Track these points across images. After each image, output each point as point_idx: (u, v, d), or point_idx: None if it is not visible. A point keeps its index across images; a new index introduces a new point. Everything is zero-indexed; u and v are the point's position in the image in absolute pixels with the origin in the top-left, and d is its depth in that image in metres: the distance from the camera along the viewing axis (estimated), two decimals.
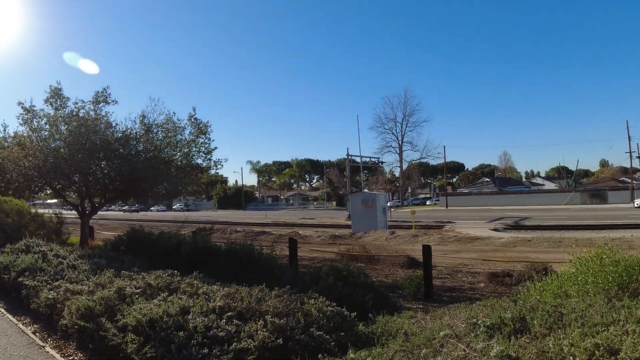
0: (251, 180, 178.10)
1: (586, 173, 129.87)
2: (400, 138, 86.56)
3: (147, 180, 15.28)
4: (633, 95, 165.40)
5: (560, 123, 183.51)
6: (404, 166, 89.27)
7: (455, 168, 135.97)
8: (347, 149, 53.45)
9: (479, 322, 4.09)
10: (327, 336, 4.00)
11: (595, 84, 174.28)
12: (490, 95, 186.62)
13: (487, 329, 3.96)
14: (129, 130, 15.38)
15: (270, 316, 4.13)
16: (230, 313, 4.34)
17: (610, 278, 5.74)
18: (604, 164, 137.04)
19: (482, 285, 10.87)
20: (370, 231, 26.05)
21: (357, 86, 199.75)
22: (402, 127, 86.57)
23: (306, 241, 23.09)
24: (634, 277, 5.68)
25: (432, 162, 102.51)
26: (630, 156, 67.97)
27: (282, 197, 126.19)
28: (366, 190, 49.97)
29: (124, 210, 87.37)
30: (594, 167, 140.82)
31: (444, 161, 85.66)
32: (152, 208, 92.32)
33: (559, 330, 3.70)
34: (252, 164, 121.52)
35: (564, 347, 3.14)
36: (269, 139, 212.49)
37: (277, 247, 9.91)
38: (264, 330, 3.95)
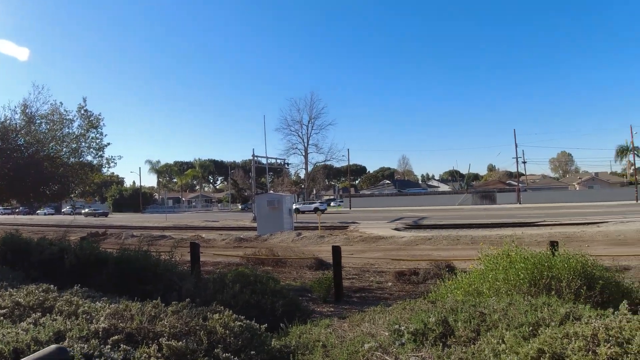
0: (150, 181, 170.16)
1: (476, 176, 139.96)
2: (306, 140, 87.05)
3: (30, 178, 13.51)
4: (520, 105, 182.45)
5: (454, 130, 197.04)
6: (309, 168, 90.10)
7: (358, 171, 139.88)
8: (253, 149, 52.24)
9: (402, 328, 3.81)
10: (236, 357, 3.44)
11: (485, 95, 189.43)
12: (391, 102, 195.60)
13: (412, 336, 3.67)
14: (8, 121, 13.53)
15: (166, 338, 3.47)
16: (117, 336, 3.60)
17: (522, 275, 5.79)
18: (491, 168, 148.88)
19: (390, 284, 10.87)
20: (276, 233, 25.59)
21: (263, 86, 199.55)
22: (307, 130, 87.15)
23: (210, 245, 22.06)
24: (544, 273, 5.77)
25: (337, 165, 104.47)
26: (517, 161, 74.38)
27: (184, 199, 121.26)
28: (272, 191, 49.47)
29: (8, 213, 79.15)
30: (483, 171, 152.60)
31: (347, 164, 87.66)
32: (39, 211, 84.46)
33: (487, 332, 3.51)
34: (151, 164, 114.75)
35: (501, 354, 2.94)
36: (171, 138, 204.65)
37: (177, 253, 8.96)
38: (159, 355, 3.30)
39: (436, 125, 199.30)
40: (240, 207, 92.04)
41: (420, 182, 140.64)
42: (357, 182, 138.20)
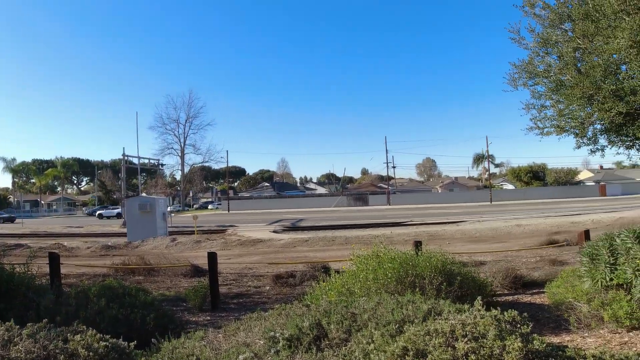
0: (4, 181, 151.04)
1: (351, 179, 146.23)
2: (182, 140, 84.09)
3: None
4: (390, 113, 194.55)
5: (331, 135, 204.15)
6: (186, 169, 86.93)
7: (237, 172, 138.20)
8: (124, 148, 48.46)
9: (278, 335, 3.77)
10: None
11: (360, 101, 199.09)
12: (270, 103, 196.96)
13: (287, 342, 3.67)
14: None
15: None
16: None
17: (389, 274, 5.99)
18: (365, 172, 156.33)
19: (267, 288, 10.74)
20: (149, 239, 24.13)
21: (137, 81, 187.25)
22: (185, 129, 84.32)
23: (73, 254, 20.05)
24: (409, 271, 6.00)
25: (215, 166, 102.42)
26: (387, 166, 79.38)
27: (43, 202, 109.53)
28: (144, 194, 46.76)
29: None
30: (357, 174, 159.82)
31: (226, 165, 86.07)
32: None
33: (358, 333, 3.57)
34: (5, 162, 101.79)
35: (370, 353, 3.03)
36: (29, 134, 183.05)
37: (35, 264, 7.77)
38: None
39: (315, 129, 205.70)
40: (85, 210, 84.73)
41: (298, 184, 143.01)
42: (236, 184, 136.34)
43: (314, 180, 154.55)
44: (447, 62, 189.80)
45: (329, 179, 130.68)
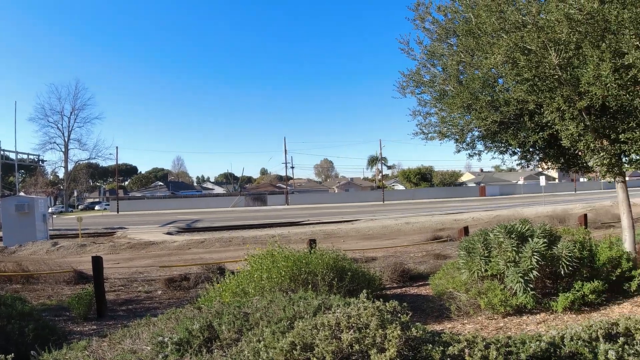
0: None
1: (249, 179, 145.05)
2: (66, 134, 77.43)
3: None
4: (291, 114, 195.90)
5: (228, 133, 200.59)
6: (70, 166, 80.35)
7: (128, 171, 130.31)
8: None
9: (166, 339, 3.67)
10: None
11: (258, 102, 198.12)
12: (165, 99, 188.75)
13: (176, 346, 3.55)
14: None
15: None
16: None
17: (283, 272, 6.10)
18: (264, 172, 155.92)
19: (159, 292, 10.34)
20: (27, 243, 21.98)
21: (14, 66, 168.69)
22: (69, 122, 77.69)
23: None
24: (303, 269, 6.16)
25: (103, 164, 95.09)
26: (286, 166, 79.90)
27: None
28: (22, 193, 42.51)
29: None
30: (256, 174, 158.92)
31: (116, 163, 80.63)
32: None
33: (249, 332, 3.57)
34: None
35: (260, 351, 3.03)
36: None
37: None
38: None
39: (212, 126, 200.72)
40: None
41: (195, 184, 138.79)
42: (126, 183, 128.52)
43: (212, 179, 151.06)
44: (345, 67, 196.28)
45: (227, 179, 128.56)
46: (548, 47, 6.49)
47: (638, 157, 7.25)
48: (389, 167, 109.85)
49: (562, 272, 6.18)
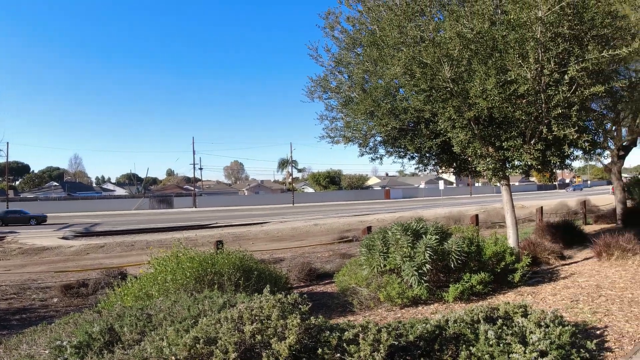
0: None
1: (155, 181, 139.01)
2: None
3: None
4: (198, 115, 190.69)
5: (131, 132, 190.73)
6: None
7: (19, 170, 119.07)
8: None
9: (65, 343, 3.59)
10: None
11: (164, 101, 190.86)
12: (62, 93, 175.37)
13: (75, 350, 3.48)
14: None
15: None
16: None
17: (188, 273, 6.12)
18: (171, 173, 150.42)
19: (56, 300, 9.75)
20: None
21: None
22: None
23: None
24: (209, 270, 6.22)
25: None
26: (194, 167, 77.49)
27: None
28: None
29: None
30: (163, 175, 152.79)
31: (6, 160, 73.31)
32: None
33: (152, 332, 3.58)
34: None
35: (164, 348, 3.07)
36: None
37: None
38: None
39: (114, 123, 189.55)
40: None
41: (94, 185, 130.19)
42: (17, 183, 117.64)
43: (113, 180, 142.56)
44: (256, 70, 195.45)
45: (130, 180, 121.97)
46: (442, 61, 7.12)
47: (519, 163, 8.11)
48: (300, 170, 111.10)
49: (452, 266, 6.81)
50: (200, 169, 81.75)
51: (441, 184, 55.46)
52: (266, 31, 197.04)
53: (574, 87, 6.85)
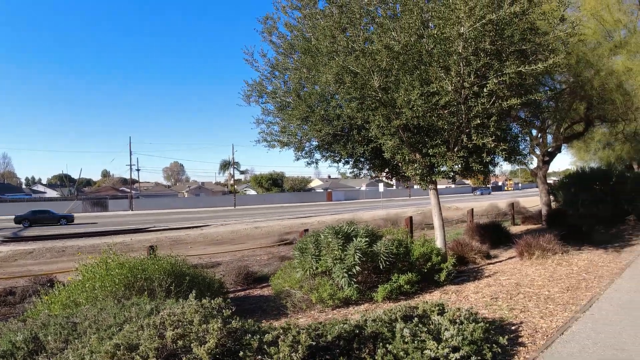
0: None
1: (89, 182, 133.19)
2: None
3: None
4: (137, 115, 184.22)
5: (63, 132, 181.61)
6: None
7: None
8: None
9: None
10: None
11: (102, 100, 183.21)
12: None
13: None
14: None
15: None
16: None
17: (117, 280, 6.05)
18: (106, 174, 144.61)
19: None
20: None
21: None
22: None
23: None
24: (139, 276, 6.16)
25: None
26: (131, 168, 74.78)
27: None
28: None
29: None
30: (98, 176, 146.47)
31: None
32: None
33: (76, 340, 3.57)
34: None
35: (85, 356, 3.10)
36: None
37: None
38: None
39: (47, 122, 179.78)
40: None
41: (24, 186, 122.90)
42: None
43: (44, 181, 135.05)
44: (198, 71, 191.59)
45: (62, 181, 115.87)
46: (372, 71, 7.41)
47: (444, 169, 8.56)
48: (242, 172, 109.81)
49: (382, 267, 7.11)
50: (138, 170, 78.74)
51: (381, 187, 56.72)
52: (207, 32, 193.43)
53: (492, 99, 7.35)
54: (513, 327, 5.81)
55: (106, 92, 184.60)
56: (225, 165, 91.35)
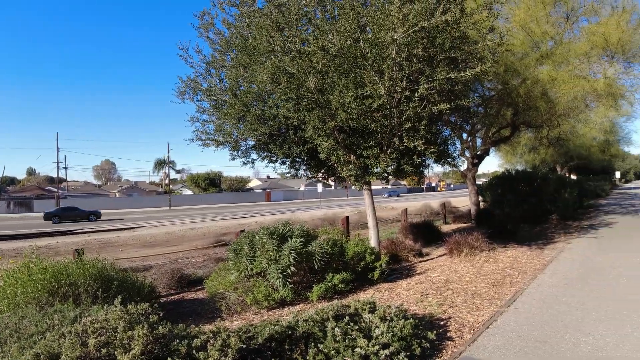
0: None
1: (13, 181, 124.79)
2: None
3: None
4: (64, 109, 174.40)
5: None
6: None
7: None
8: None
9: None
10: None
11: (24, 95, 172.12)
12: None
13: None
14: None
15: None
16: None
17: (40, 286, 5.74)
18: (31, 172, 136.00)
19: None
20: None
21: None
22: None
23: None
24: (63, 281, 5.87)
25: None
26: (58, 166, 70.49)
27: None
28: None
29: None
30: (22, 174, 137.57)
31: None
32: None
33: None
34: None
35: None
36: None
37: None
38: None
39: None
40: None
41: None
42: None
43: None
44: (132, 66, 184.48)
45: None
46: (308, 72, 7.47)
47: (378, 170, 8.75)
48: (178, 171, 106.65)
49: (316, 267, 7.17)
50: (65, 168, 74.22)
51: (319, 187, 57.19)
52: (140, 29, 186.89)
53: (423, 103, 7.62)
54: (442, 322, 6.04)
55: (33, 84, 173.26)
56: (160, 164, 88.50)
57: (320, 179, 11.06)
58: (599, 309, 6.44)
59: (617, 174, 72.60)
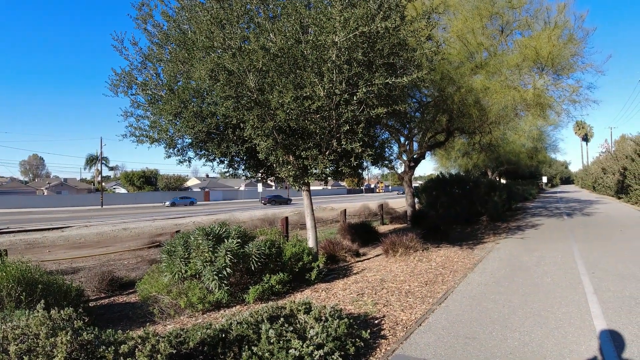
0: None
1: None
2: None
3: None
4: None
5: None
6: None
7: None
8: None
9: None
10: None
11: None
12: None
13: None
14: None
15: None
16: None
17: None
18: None
19: None
20: None
21: None
22: None
23: None
24: None
25: None
26: None
27: None
28: None
29: None
30: None
31: None
32: None
33: None
34: None
35: None
36: None
37: None
38: None
39: None
40: None
41: None
42: None
43: None
44: (63, 58, 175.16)
45: None
46: (248, 71, 7.37)
47: (317, 171, 8.78)
48: (111, 169, 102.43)
49: (253, 268, 7.10)
50: None
51: (260, 187, 56.58)
52: (76, 17, 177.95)
53: (362, 107, 7.74)
54: (376, 321, 6.16)
55: None
56: (92, 160, 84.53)
57: (259, 178, 10.95)
58: (525, 306, 6.77)
59: (544, 179, 77.19)
